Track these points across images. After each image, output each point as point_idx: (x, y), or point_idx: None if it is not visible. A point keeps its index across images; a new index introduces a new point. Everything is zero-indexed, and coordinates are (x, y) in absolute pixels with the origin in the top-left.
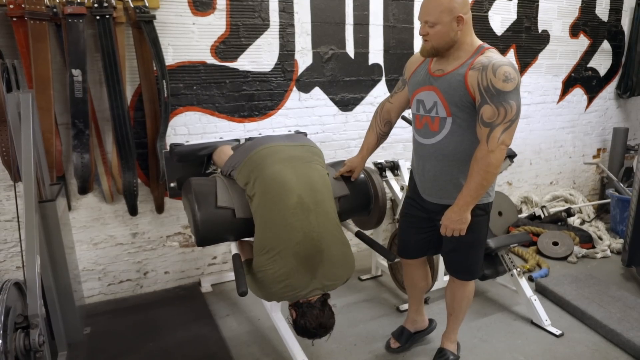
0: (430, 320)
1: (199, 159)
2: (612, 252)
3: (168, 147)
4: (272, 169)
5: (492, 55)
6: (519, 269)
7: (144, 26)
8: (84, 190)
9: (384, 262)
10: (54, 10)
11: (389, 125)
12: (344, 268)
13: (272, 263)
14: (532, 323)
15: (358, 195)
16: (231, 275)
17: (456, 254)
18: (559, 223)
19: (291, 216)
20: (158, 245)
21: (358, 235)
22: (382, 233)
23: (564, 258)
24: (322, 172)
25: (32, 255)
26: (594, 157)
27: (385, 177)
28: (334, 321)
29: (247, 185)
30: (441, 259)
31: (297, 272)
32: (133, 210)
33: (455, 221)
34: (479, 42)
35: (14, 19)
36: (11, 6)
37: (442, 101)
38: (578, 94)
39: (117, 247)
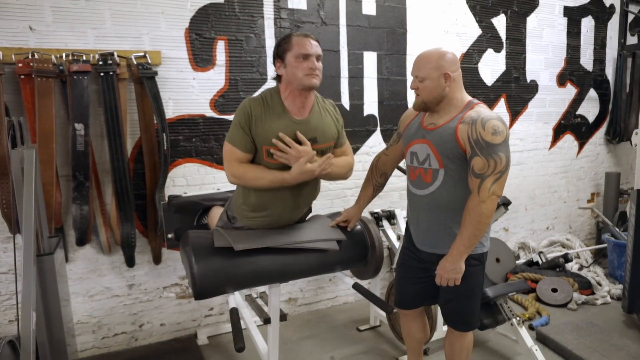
0: None
1: (196, 210)
2: (612, 298)
3: (166, 199)
4: None
5: (481, 110)
6: (518, 318)
7: (146, 82)
8: (81, 241)
9: (382, 312)
10: (61, 67)
11: (385, 177)
12: None
13: None
14: None
15: (355, 245)
16: (228, 327)
17: (453, 304)
18: (557, 269)
19: None
20: (154, 296)
21: (355, 287)
22: (380, 282)
23: (564, 305)
24: None
25: (28, 312)
26: (589, 201)
27: (382, 226)
28: None
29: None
30: (439, 309)
31: None
32: (130, 262)
33: (449, 270)
34: (468, 97)
35: (22, 77)
36: (20, 65)
37: (434, 153)
38: (569, 140)
39: (112, 299)
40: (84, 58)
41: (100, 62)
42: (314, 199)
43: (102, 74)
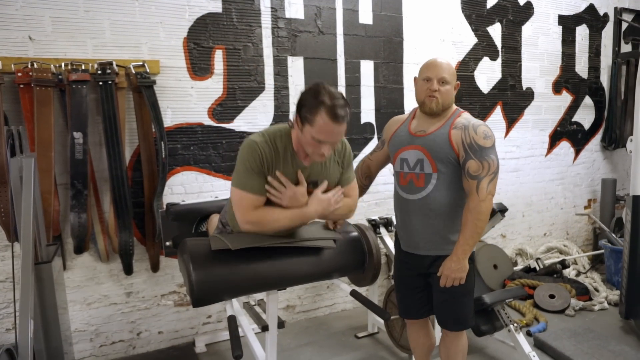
0: None
1: (194, 218)
2: (609, 303)
3: (165, 207)
4: None
5: (469, 117)
6: (516, 325)
7: (145, 91)
8: (79, 249)
9: (380, 320)
10: (60, 77)
11: (370, 179)
12: None
13: None
14: None
15: (352, 252)
16: (226, 335)
17: (447, 304)
18: (555, 275)
19: None
20: (152, 304)
21: (353, 294)
22: (377, 289)
23: (562, 311)
24: None
25: (26, 320)
26: (585, 207)
27: (379, 233)
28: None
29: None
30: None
31: None
32: (128, 269)
33: (455, 270)
34: (455, 106)
35: (21, 86)
36: (19, 74)
37: (428, 158)
38: (565, 147)
39: (110, 306)
40: (83, 67)
41: (99, 72)
42: None
43: (100, 83)
